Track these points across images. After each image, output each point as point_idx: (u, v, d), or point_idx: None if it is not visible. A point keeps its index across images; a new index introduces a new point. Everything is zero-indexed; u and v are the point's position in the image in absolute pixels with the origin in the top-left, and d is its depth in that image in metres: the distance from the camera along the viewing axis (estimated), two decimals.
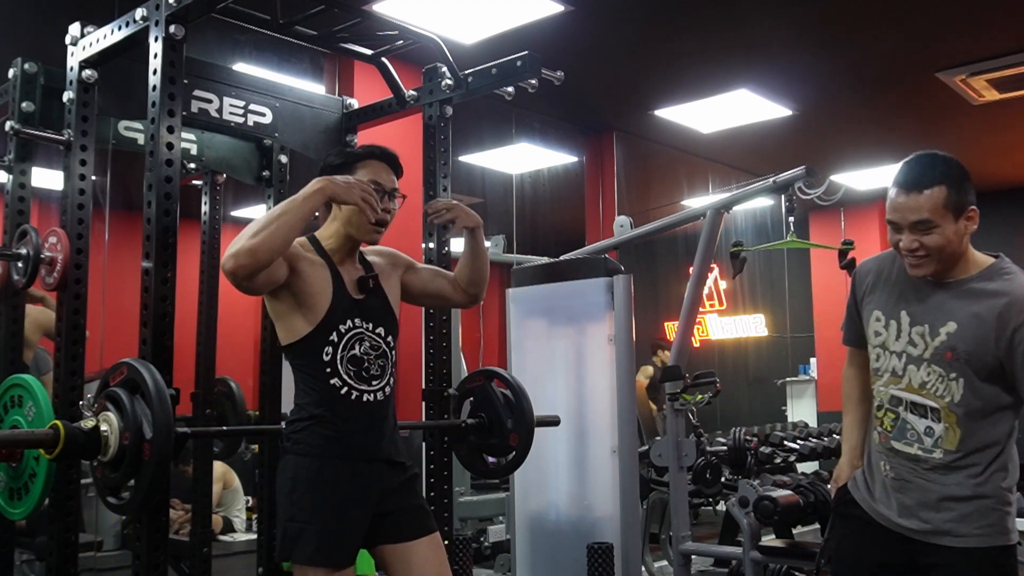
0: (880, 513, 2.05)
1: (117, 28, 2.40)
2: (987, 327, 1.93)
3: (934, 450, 1.99)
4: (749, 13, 4.63)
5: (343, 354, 2.10)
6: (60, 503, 2.42)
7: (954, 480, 1.96)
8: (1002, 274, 1.99)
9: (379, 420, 2.14)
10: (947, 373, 1.97)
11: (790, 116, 6.12)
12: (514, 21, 4.52)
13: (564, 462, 3.65)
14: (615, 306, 3.49)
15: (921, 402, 2.00)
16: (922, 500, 1.99)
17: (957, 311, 1.97)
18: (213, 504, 4.28)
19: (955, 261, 1.99)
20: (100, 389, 2.07)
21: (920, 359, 2.00)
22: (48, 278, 2.50)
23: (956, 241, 1.97)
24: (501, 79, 2.73)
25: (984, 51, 5.13)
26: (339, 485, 2.06)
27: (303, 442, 2.07)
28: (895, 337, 2.05)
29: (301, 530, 2.02)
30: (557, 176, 7.27)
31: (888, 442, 2.06)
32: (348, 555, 2.07)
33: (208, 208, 3.49)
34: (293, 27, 2.79)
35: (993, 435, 1.97)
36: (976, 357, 1.94)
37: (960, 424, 1.96)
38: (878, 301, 2.11)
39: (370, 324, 2.15)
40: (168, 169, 2.21)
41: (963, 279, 2.00)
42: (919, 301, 2.03)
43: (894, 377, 2.04)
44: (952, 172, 1.99)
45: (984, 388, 1.95)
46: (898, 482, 2.04)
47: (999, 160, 7.52)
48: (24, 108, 2.63)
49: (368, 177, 2.16)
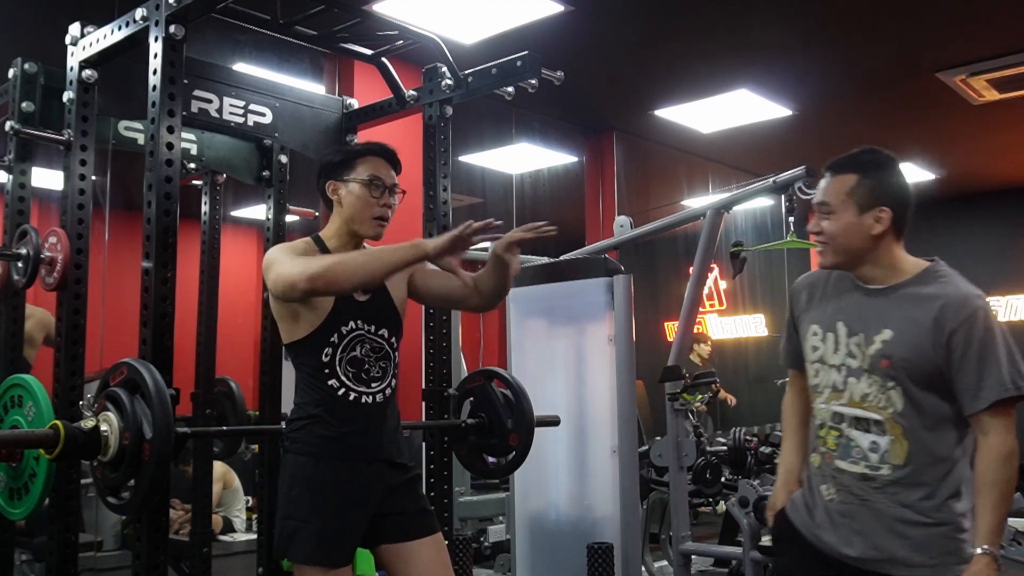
0: (823, 540, 1.94)
1: (117, 28, 2.40)
2: (923, 332, 1.85)
3: (881, 467, 1.88)
4: (749, 13, 4.63)
5: (343, 355, 2.10)
6: (60, 503, 2.42)
7: (906, 500, 1.85)
8: (937, 277, 1.92)
9: (378, 421, 2.14)
10: (885, 382, 1.88)
11: (790, 116, 6.12)
12: (514, 21, 4.52)
13: (564, 462, 3.65)
14: (615, 306, 3.49)
15: (864, 416, 1.90)
16: (873, 525, 1.88)
17: (892, 317, 1.89)
18: (213, 504, 4.28)
19: (858, 258, 1.93)
20: (100, 389, 2.07)
21: (860, 370, 1.91)
22: (48, 278, 2.50)
23: (854, 235, 1.90)
24: (501, 79, 2.73)
25: (984, 51, 5.13)
26: (337, 485, 2.06)
27: (301, 441, 2.08)
28: (833, 350, 1.96)
29: (298, 528, 2.02)
30: (557, 176, 7.27)
31: (833, 462, 1.94)
32: (345, 554, 2.07)
33: (208, 208, 3.49)
34: (293, 27, 2.79)
35: (942, 450, 1.86)
36: (913, 364, 1.85)
37: (907, 435, 1.86)
38: (814, 315, 2.03)
39: (372, 326, 2.15)
40: (168, 169, 2.21)
41: (896, 284, 1.92)
42: (854, 310, 1.95)
43: (835, 392, 1.95)
44: (873, 165, 1.95)
45: (924, 397, 1.86)
46: (846, 506, 1.92)
47: (999, 160, 7.52)
48: (24, 108, 2.63)
49: (368, 173, 2.15)
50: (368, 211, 2.14)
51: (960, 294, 1.88)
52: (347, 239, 2.19)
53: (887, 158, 1.98)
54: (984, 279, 8.91)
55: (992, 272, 8.28)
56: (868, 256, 1.93)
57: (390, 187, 2.18)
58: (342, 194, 2.17)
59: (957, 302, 1.85)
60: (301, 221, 4.04)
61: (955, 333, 1.82)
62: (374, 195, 2.15)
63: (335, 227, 2.19)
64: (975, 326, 1.83)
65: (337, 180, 2.17)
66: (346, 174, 2.16)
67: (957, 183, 8.02)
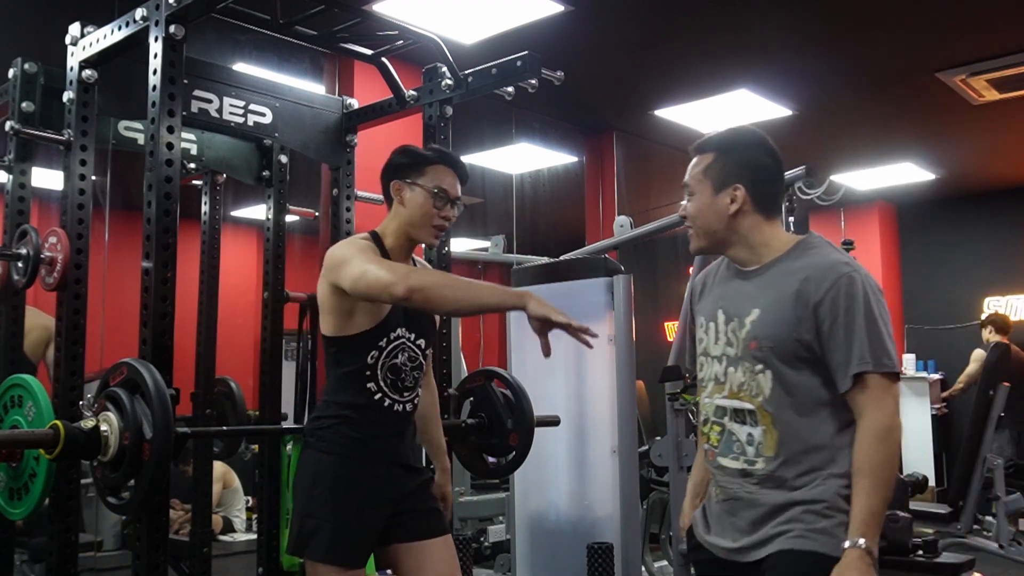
0: (716, 545, 1.82)
1: (117, 28, 2.40)
2: (786, 308, 1.72)
3: (757, 460, 1.75)
4: (749, 13, 4.62)
5: (385, 360, 2.11)
6: (60, 503, 2.42)
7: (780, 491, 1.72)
8: (806, 249, 1.79)
9: (403, 428, 2.17)
10: (754, 367, 1.75)
11: (790, 116, 6.12)
12: (514, 21, 4.52)
13: (564, 462, 3.65)
14: (615, 306, 3.49)
15: (740, 407, 1.78)
16: (753, 517, 1.75)
17: (759, 296, 1.78)
18: (213, 504, 4.28)
19: (722, 240, 1.84)
20: (100, 389, 2.07)
21: (736, 359, 1.79)
22: (48, 278, 2.50)
23: (711, 215, 1.82)
24: (501, 79, 2.73)
25: (984, 51, 5.13)
26: (358, 486, 2.07)
27: (327, 440, 2.07)
28: (715, 340, 1.85)
29: (317, 527, 2.03)
30: (557, 176, 7.27)
31: (715, 459, 1.82)
32: (361, 555, 2.08)
33: (208, 208, 3.49)
34: (293, 27, 2.79)
35: (818, 437, 1.71)
36: (778, 343, 1.72)
37: (776, 424, 1.73)
38: (701, 306, 1.93)
39: (413, 334, 2.17)
40: (168, 169, 2.21)
41: (768, 263, 1.81)
42: (732, 296, 1.84)
43: (717, 385, 1.83)
44: (730, 143, 1.85)
45: (797, 380, 1.72)
46: (728, 503, 1.80)
47: (999, 160, 7.52)
48: (24, 108, 2.63)
49: (434, 183, 2.16)
50: (428, 219, 2.15)
51: (825, 263, 1.74)
52: (404, 240, 2.19)
53: (749, 134, 1.86)
54: (984, 279, 8.99)
55: (992, 272, 8.30)
56: (733, 237, 1.83)
57: (454, 199, 2.19)
58: (405, 196, 2.17)
59: (820, 272, 1.72)
60: (301, 221, 4.03)
61: (820, 305, 1.69)
62: (436, 205, 2.15)
63: (393, 226, 2.19)
64: (839, 296, 1.69)
65: (402, 181, 2.17)
66: (413, 177, 2.16)
67: (957, 183, 8.02)
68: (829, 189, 7.90)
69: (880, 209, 8.64)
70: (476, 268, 7.56)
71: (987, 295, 8.28)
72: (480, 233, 7.96)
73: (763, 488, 1.74)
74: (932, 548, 3.67)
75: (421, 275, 1.96)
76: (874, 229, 8.57)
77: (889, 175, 7.59)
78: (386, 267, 1.97)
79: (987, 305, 8.26)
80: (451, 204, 2.18)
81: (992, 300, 8.27)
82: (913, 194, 8.25)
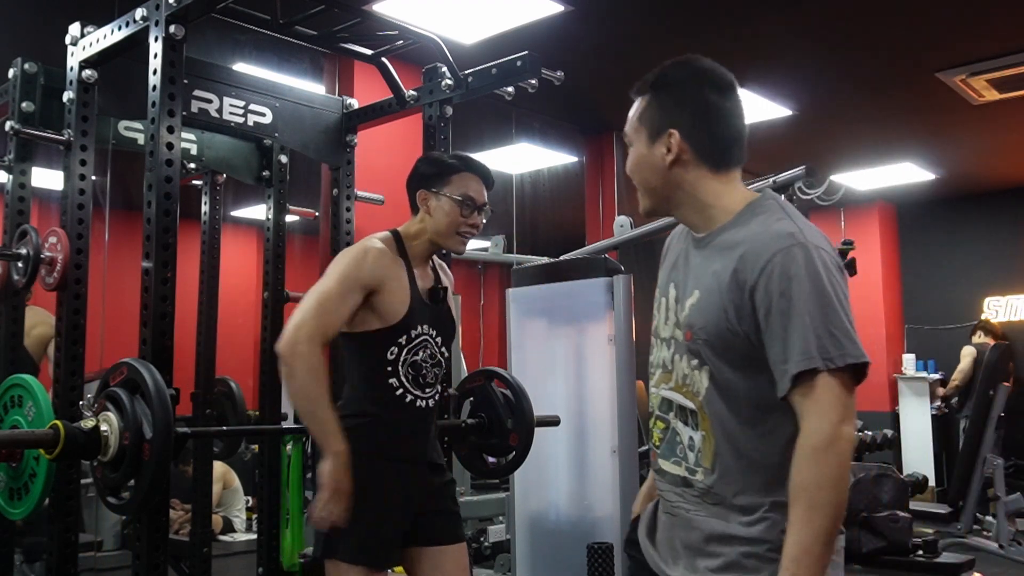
0: (650, 556, 1.56)
1: (117, 28, 2.40)
2: (722, 291, 1.39)
3: (697, 469, 1.45)
4: (749, 13, 4.62)
5: (407, 357, 2.11)
6: (60, 503, 2.42)
7: (719, 512, 1.42)
8: (752, 215, 1.44)
9: (426, 425, 2.17)
10: (690, 360, 1.45)
11: (790, 116, 6.12)
12: (514, 21, 4.52)
13: (564, 462, 3.65)
14: (615, 306, 3.49)
15: (683, 403, 1.47)
16: (688, 541, 1.46)
17: (701, 275, 1.46)
18: (213, 504, 4.29)
19: (666, 198, 1.52)
20: (100, 389, 2.07)
21: (682, 346, 1.48)
22: (48, 278, 2.50)
23: (648, 171, 1.50)
24: (501, 79, 2.73)
25: (984, 51, 5.13)
26: (385, 486, 2.07)
27: (352, 439, 2.06)
28: (664, 319, 1.54)
29: (346, 529, 2.01)
30: (557, 176, 7.26)
31: (657, 461, 1.53)
32: (389, 555, 2.08)
33: (208, 208, 3.49)
34: (293, 27, 2.79)
35: (760, 452, 1.39)
36: (713, 335, 1.40)
37: (713, 430, 1.42)
38: (659, 277, 1.62)
39: (435, 332, 2.17)
40: (168, 169, 2.21)
41: (715, 231, 1.48)
42: (683, 268, 1.53)
43: (665, 373, 1.52)
44: (668, 80, 1.50)
45: (733, 380, 1.40)
46: (667, 516, 1.52)
47: (999, 160, 7.52)
48: (24, 108, 2.63)
49: (461, 191, 2.16)
50: (455, 227, 2.16)
51: (765, 235, 1.38)
52: (427, 246, 2.21)
53: (688, 66, 1.51)
54: (984, 279, 8.98)
55: (992, 272, 8.29)
56: (677, 195, 1.50)
57: (480, 206, 2.20)
58: (431, 205, 2.17)
59: (756, 248, 1.37)
60: (301, 221, 4.04)
61: (756, 289, 1.35)
62: (464, 214, 2.16)
63: (418, 230, 2.20)
64: (773, 277, 1.34)
65: (428, 190, 2.18)
66: (439, 187, 2.17)
67: (957, 183, 8.02)
68: (829, 189, 7.93)
69: (880, 209, 8.64)
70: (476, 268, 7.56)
71: (987, 295, 8.27)
72: (480, 233, 7.96)
73: (702, 504, 1.44)
74: (932, 548, 3.67)
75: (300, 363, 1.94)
76: (874, 229, 8.57)
77: (889, 175, 7.58)
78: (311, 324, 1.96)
79: (987, 305, 8.26)
80: (478, 211, 2.19)
81: (992, 300, 8.26)
82: (913, 194, 8.24)
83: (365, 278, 2.05)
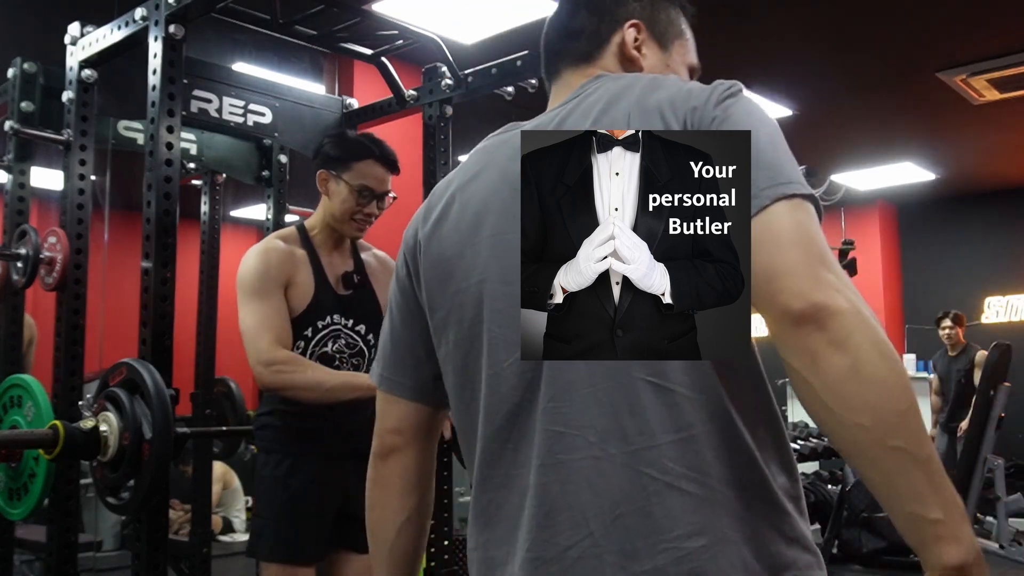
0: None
1: (117, 28, 2.40)
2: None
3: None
4: (750, 13, 4.62)
5: (315, 350, 2.08)
6: (59, 503, 2.42)
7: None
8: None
9: (346, 416, 2.07)
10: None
11: (790, 116, 6.12)
12: (514, 21, 4.52)
13: None
14: None
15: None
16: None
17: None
18: (213, 504, 4.28)
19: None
20: (100, 389, 2.07)
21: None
22: (48, 278, 2.50)
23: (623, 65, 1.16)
24: (501, 79, 2.72)
25: (984, 51, 5.13)
26: (297, 481, 2.04)
27: (265, 438, 2.07)
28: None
29: (263, 526, 2.03)
30: None
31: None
32: (306, 552, 2.04)
33: (208, 208, 3.49)
34: (293, 27, 2.78)
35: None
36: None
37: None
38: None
39: (351, 320, 2.14)
40: (168, 169, 2.21)
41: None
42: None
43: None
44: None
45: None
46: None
47: (999, 160, 7.52)
48: (24, 108, 2.63)
49: (359, 180, 2.14)
50: (348, 214, 2.15)
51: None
52: (329, 232, 2.19)
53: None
54: (984, 279, 8.95)
55: (992, 272, 8.30)
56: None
57: (380, 195, 2.17)
58: (331, 188, 2.17)
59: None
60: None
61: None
62: (360, 202, 2.14)
63: (320, 217, 2.20)
64: None
65: (328, 172, 2.17)
66: (339, 170, 2.15)
67: (957, 183, 8.02)
68: (829, 189, 7.94)
69: (880, 209, 8.65)
70: None
71: (987, 295, 8.28)
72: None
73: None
74: None
75: (293, 372, 1.95)
76: (874, 229, 8.57)
77: (889, 175, 7.59)
78: (264, 344, 1.96)
79: (987, 305, 8.27)
80: (377, 200, 2.17)
81: (992, 300, 8.27)
82: (913, 194, 8.25)
83: (275, 274, 2.06)
